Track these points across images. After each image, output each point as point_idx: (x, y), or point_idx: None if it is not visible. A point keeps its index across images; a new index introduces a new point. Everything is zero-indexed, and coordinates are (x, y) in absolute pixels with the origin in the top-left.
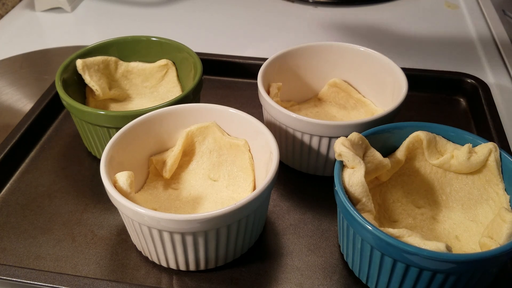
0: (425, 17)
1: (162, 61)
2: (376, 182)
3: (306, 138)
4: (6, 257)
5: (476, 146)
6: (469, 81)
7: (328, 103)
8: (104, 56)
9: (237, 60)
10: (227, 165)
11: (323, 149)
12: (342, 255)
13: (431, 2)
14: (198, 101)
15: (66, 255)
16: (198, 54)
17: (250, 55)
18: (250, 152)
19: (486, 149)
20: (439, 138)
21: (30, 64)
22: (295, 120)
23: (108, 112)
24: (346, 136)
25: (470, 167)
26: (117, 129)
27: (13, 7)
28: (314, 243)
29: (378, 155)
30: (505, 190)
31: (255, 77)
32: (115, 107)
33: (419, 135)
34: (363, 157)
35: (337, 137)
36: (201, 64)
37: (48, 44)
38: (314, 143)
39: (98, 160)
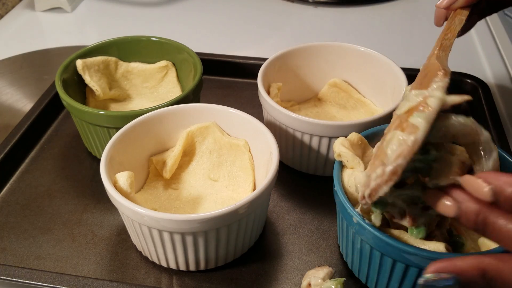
0: (425, 17)
1: (162, 63)
2: None
3: (306, 138)
4: (6, 257)
5: None
6: (469, 81)
7: (328, 103)
8: (104, 56)
9: (237, 60)
10: (227, 165)
11: (323, 149)
12: (342, 255)
13: (431, 2)
14: (198, 101)
15: (66, 255)
16: (198, 54)
17: (250, 55)
18: (250, 152)
19: None
20: None
21: (30, 64)
22: (295, 120)
23: (108, 112)
24: (346, 136)
25: None
26: (117, 129)
27: (13, 7)
28: (314, 243)
29: None
30: None
31: (255, 77)
32: (115, 107)
33: None
34: (362, 157)
35: (337, 137)
36: (201, 64)
37: (48, 44)
38: (314, 143)
39: (98, 160)
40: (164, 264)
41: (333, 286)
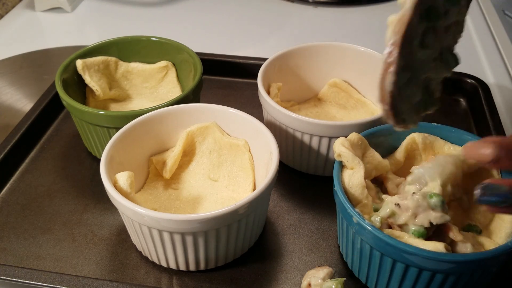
0: None
1: (162, 63)
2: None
3: (306, 138)
4: (6, 257)
5: None
6: (469, 81)
7: (328, 103)
8: (104, 57)
9: (237, 60)
10: (227, 165)
11: (323, 149)
12: (342, 255)
13: None
14: (198, 101)
15: (66, 255)
16: (198, 54)
17: (250, 55)
18: (250, 152)
19: None
20: (436, 140)
21: (30, 64)
22: (295, 120)
23: (108, 112)
24: (346, 136)
25: (469, 167)
26: (117, 129)
27: (13, 7)
28: (314, 243)
29: (377, 155)
30: None
31: (255, 77)
32: (115, 107)
33: (414, 138)
34: (362, 157)
35: (337, 137)
36: (201, 64)
37: (48, 44)
38: (314, 143)
39: (98, 160)
40: (164, 264)
41: (333, 286)
